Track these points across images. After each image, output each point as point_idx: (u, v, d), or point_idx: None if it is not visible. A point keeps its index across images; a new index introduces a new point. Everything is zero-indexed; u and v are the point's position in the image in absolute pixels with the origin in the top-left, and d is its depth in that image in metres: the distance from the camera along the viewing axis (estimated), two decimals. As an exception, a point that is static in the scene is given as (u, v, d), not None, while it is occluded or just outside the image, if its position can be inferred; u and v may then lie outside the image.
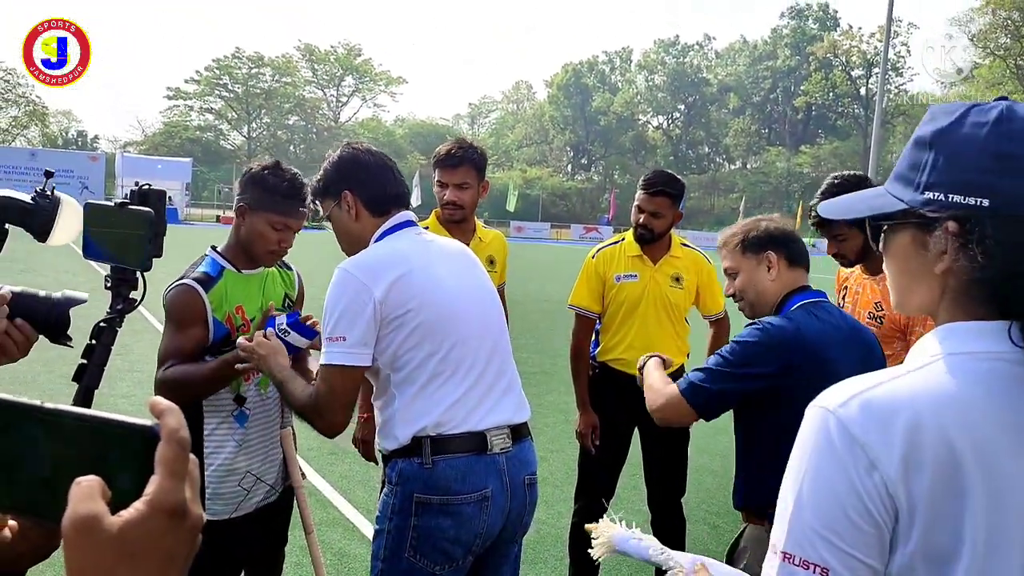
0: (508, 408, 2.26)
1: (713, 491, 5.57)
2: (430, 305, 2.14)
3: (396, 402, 2.15)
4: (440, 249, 2.34)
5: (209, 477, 2.60)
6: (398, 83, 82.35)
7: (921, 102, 70.50)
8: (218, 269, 2.62)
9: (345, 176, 2.29)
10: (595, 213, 69.65)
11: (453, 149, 3.38)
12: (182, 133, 71.40)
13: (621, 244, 3.80)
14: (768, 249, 2.36)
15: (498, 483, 2.18)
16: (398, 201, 2.33)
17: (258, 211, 2.58)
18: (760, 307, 2.40)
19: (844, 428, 0.96)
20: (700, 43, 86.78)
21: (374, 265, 2.14)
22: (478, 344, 2.22)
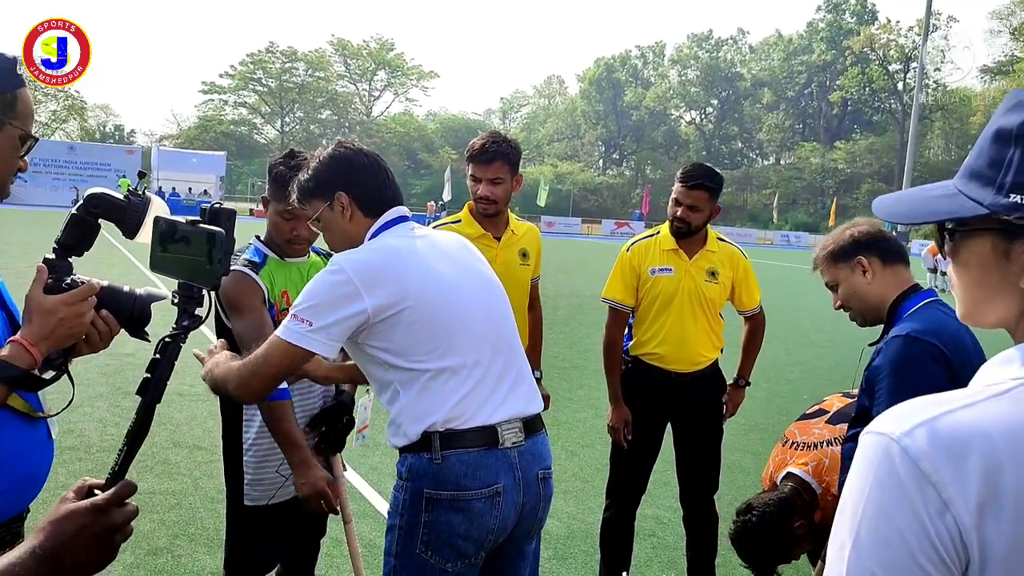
0: (518, 401, 2.22)
1: (745, 489, 5.51)
2: (429, 300, 2.09)
3: (402, 398, 2.11)
4: (437, 243, 2.29)
5: (247, 463, 2.66)
6: (430, 77, 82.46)
7: (960, 97, 69.30)
8: (262, 256, 2.71)
9: (339, 177, 2.21)
10: (626, 208, 69.32)
11: (486, 143, 3.35)
12: (216, 127, 72.04)
13: (656, 237, 3.77)
14: (858, 254, 2.40)
15: (510, 478, 2.15)
16: (392, 203, 2.27)
17: (271, 201, 2.68)
18: (868, 313, 2.42)
19: (911, 462, 0.83)
20: (734, 37, 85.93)
21: (371, 267, 2.07)
22: (483, 337, 2.18)
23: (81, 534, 1.14)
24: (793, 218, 64.84)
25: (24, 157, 1.67)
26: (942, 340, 2.18)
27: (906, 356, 2.17)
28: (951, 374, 2.14)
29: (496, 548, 2.20)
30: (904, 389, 2.13)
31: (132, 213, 1.66)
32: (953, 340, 2.19)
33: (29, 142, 1.66)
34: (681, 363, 3.67)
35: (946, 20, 70.86)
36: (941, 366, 2.15)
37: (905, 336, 2.20)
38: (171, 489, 4.92)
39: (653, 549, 4.53)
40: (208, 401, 6.78)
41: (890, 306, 2.35)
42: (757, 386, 4.04)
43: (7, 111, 1.59)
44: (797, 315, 14.69)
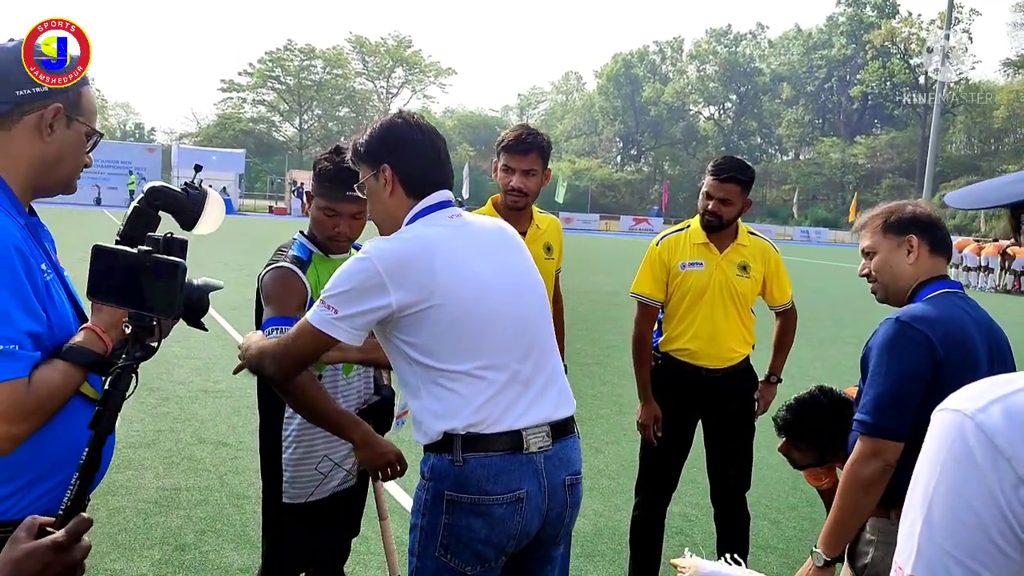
0: (547, 405, 2.15)
1: (774, 486, 5.47)
2: (458, 301, 2.03)
3: (424, 396, 2.07)
4: (476, 234, 2.19)
5: (287, 461, 2.63)
6: (448, 74, 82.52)
7: (983, 90, 68.52)
8: (308, 253, 2.68)
9: (388, 148, 2.15)
10: (644, 204, 69.06)
11: (522, 134, 3.31)
12: (235, 125, 72.38)
13: (686, 231, 3.73)
14: (911, 232, 2.34)
15: (535, 484, 2.08)
16: (438, 187, 2.20)
17: (315, 198, 2.65)
18: (893, 291, 2.38)
19: (986, 437, 0.82)
20: (753, 32, 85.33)
21: (399, 260, 2.02)
22: (514, 337, 2.11)
23: (43, 573, 1.15)
24: (813, 214, 64.37)
25: (89, 153, 1.72)
26: (934, 329, 2.15)
27: (892, 339, 2.17)
28: (935, 363, 2.13)
29: (521, 552, 2.15)
30: (883, 372, 2.16)
31: (191, 205, 1.73)
32: (950, 332, 2.17)
33: (95, 138, 1.71)
34: (712, 359, 3.63)
35: (968, 13, 70.11)
36: (924, 354, 2.14)
37: (896, 320, 2.20)
38: (197, 485, 4.93)
39: (681, 547, 4.47)
40: (232, 397, 6.80)
41: (912, 290, 2.33)
42: (781, 383, 4.00)
43: (74, 108, 1.66)
44: (818, 311, 14.57)
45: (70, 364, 1.55)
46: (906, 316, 2.19)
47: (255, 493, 4.38)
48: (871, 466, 2.14)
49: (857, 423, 2.20)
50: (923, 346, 2.14)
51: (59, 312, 1.61)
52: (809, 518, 4.99)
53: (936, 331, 2.15)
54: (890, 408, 2.13)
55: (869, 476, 2.14)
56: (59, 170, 1.68)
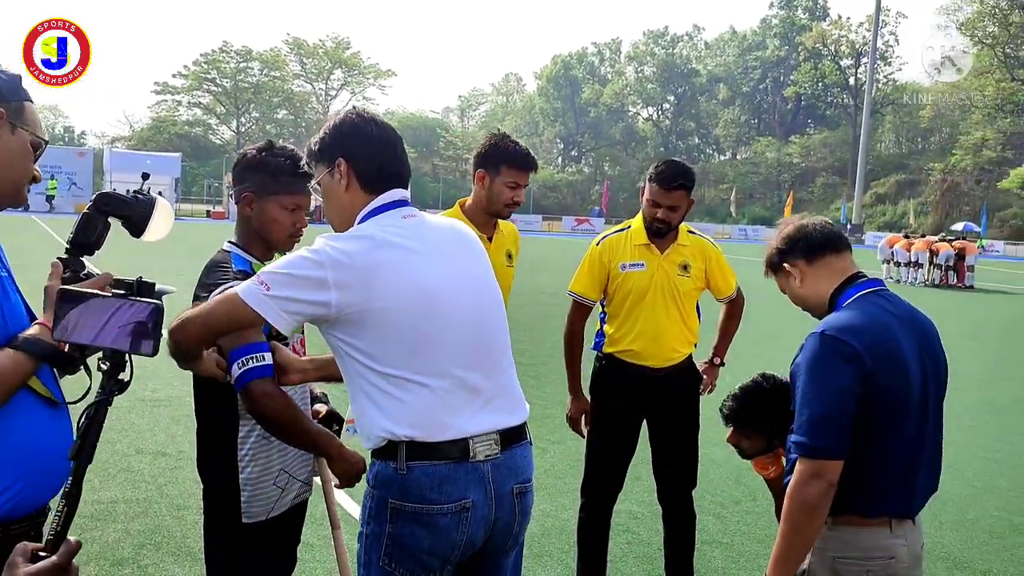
0: (497, 413, 2.09)
1: (718, 482, 5.55)
2: (405, 302, 1.97)
3: (369, 401, 2.02)
4: (430, 236, 2.12)
5: (245, 480, 2.51)
6: (387, 76, 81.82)
7: (910, 91, 70.59)
8: (248, 264, 2.52)
9: (343, 143, 2.12)
10: (586, 205, 69.54)
11: (528, 152, 3.39)
12: (170, 128, 70.81)
13: (627, 232, 3.75)
14: (784, 262, 2.40)
15: (481, 493, 2.03)
16: (394, 180, 2.15)
17: (266, 196, 2.48)
18: (813, 311, 2.42)
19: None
20: (689, 34, 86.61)
21: (345, 259, 1.96)
22: (462, 344, 2.05)
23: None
24: (750, 212, 65.57)
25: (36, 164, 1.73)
26: (860, 339, 2.12)
27: (818, 355, 2.14)
28: (865, 375, 2.10)
29: (470, 560, 2.11)
30: (815, 390, 2.13)
31: (140, 212, 1.73)
32: (876, 339, 2.14)
33: (42, 147, 1.73)
34: (655, 358, 3.66)
35: (895, 16, 72.19)
36: (853, 365, 2.10)
37: (820, 334, 2.16)
38: (135, 497, 4.80)
39: (628, 545, 4.52)
40: (172, 406, 6.65)
41: (830, 298, 2.32)
42: (723, 380, 4.05)
43: (17, 116, 1.66)
44: (757, 308, 14.84)
45: (21, 352, 1.59)
46: (831, 329, 2.16)
47: (196, 504, 4.28)
48: (814, 487, 2.09)
49: (795, 445, 2.15)
50: (852, 360, 2.11)
51: (13, 306, 1.66)
52: (753, 512, 5.07)
53: (863, 341, 2.12)
54: (827, 427, 2.10)
55: (813, 498, 2.10)
56: (4, 177, 1.68)
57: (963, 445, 6.83)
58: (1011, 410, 8.55)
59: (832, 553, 2.20)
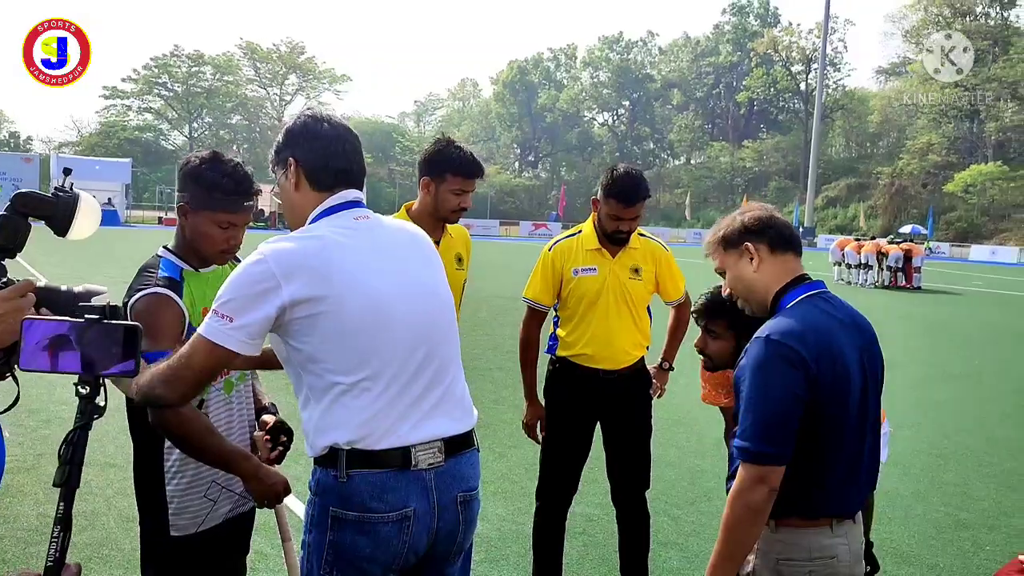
0: (441, 420, 2.06)
1: (672, 482, 5.60)
2: (351, 305, 1.94)
3: (313, 406, 1.99)
4: (382, 238, 2.10)
5: (172, 492, 2.46)
6: (342, 81, 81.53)
7: (858, 97, 72.05)
8: (178, 271, 2.47)
9: (293, 142, 2.11)
10: (543, 210, 69.80)
11: (474, 158, 3.37)
12: (120, 133, 69.57)
13: (578, 237, 3.77)
14: (746, 240, 2.31)
15: (423, 502, 2.00)
16: (344, 177, 2.11)
17: (200, 210, 2.43)
18: (754, 302, 2.34)
19: None
20: (644, 39, 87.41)
21: (292, 257, 1.93)
22: (408, 350, 2.01)
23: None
24: (705, 216, 66.25)
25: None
26: (805, 344, 2.11)
27: (763, 360, 2.12)
28: (808, 379, 2.10)
29: (412, 569, 2.07)
30: (760, 395, 2.11)
31: (62, 210, 1.66)
32: (820, 344, 2.13)
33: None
34: (608, 361, 3.69)
35: (843, 23, 73.64)
36: (799, 371, 2.09)
37: (765, 339, 2.13)
38: (82, 510, 4.70)
39: (584, 547, 4.54)
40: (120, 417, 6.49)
41: (773, 297, 2.28)
42: (676, 381, 4.10)
43: None
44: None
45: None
46: (776, 334, 2.13)
47: (146, 515, 4.21)
48: (757, 493, 2.09)
49: (739, 451, 2.13)
50: (797, 365, 2.09)
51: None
52: (707, 512, 5.12)
53: (808, 347, 2.11)
54: (771, 433, 2.09)
55: (756, 504, 2.09)
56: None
57: (910, 443, 6.98)
58: (956, 408, 8.76)
59: (776, 555, 2.21)
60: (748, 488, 2.10)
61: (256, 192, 2.50)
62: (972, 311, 19.72)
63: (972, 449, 7.06)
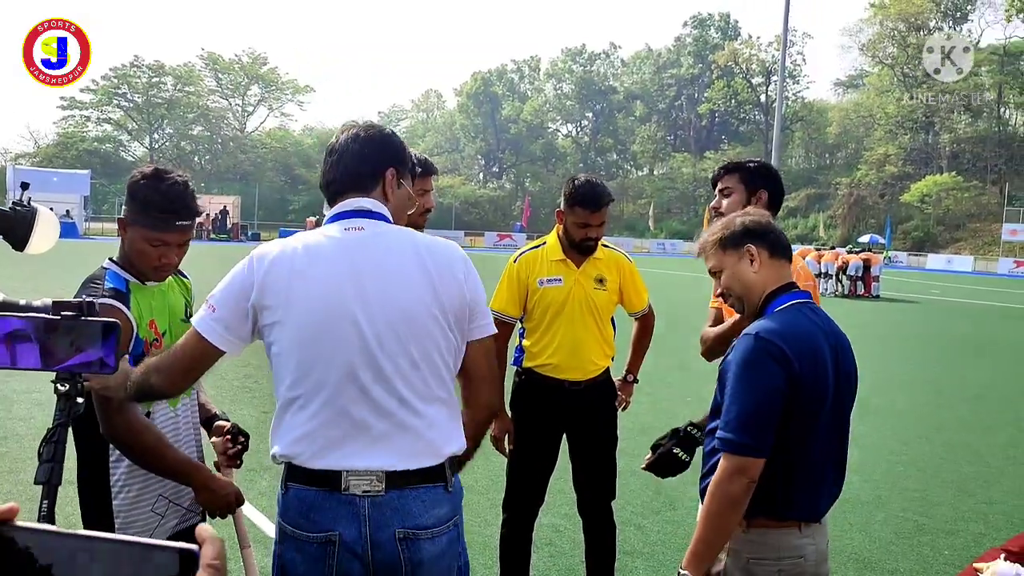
0: (382, 454, 1.92)
1: (637, 492, 5.63)
2: (294, 319, 1.91)
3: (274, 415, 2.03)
4: (365, 253, 1.98)
5: (118, 506, 2.43)
6: (306, 92, 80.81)
7: (817, 108, 73.23)
8: (124, 283, 2.44)
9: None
10: (508, 220, 69.88)
11: (425, 159, 3.38)
12: (79, 144, 68.34)
13: (543, 248, 3.80)
14: (747, 242, 2.38)
15: (352, 529, 1.89)
16: (333, 188, 2.09)
17: (135, 225, 2.41)
18: (749, 301, 2.41)
19: None
20: (606, 52, 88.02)
21: (266, 261, 1.97)
22: (345, 375, 1.91)
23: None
24: (668, 227, 66.86)
25: None
26: (788, 343, 2.19)
27: (750, 355, 2.20)
28: (791, 376, 2.17)
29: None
30: (745, 388, 2.19)
31: (19, 224, 1.65)
32: (803, 344, 2.22)
33: None
34: (574, 371, 3.71)
35: (802, 37, 74.86)
36: (782, 367, 2.17)
37: (754, 335, 2.22)
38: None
39: (551, 558, 4.55)
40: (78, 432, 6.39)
41: (763, 300, 2.36)
42: (642, 391, 4.13)
43: None
44: (675, 321, 15.13)
45: None
46: (764, 332, 2.21)
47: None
48: (737, 483, 2.14)
49: (721, 441, 2.20)
50: (781, 361, 2.17)
51: None
52: (672, 521, 5.16)
53: (792, 346, 2.19)
54: (754, 425, 2.15)
55: (736, 493, 2.14)
56: None
57: (869, 449, 7.09)
58: (914, 415, 8.91)
59: (747, 555, 2.27)
60: (728, 479, 2.16)
61: (196, 213, 2.45)
62: (930, 319, 20.10)
63: (931, 455, 7.19)
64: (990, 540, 4.92)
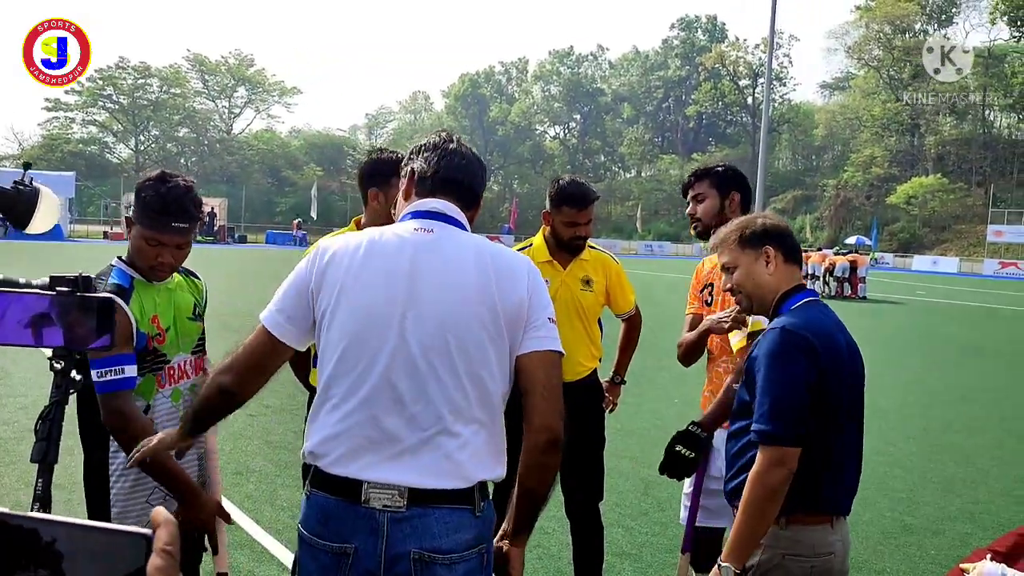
0: (408, 469, 1.83)
1: (625, 494, 5.62)
2: (345, 310, 1.87)
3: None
4: (431, 258, 1.90)
5: (116, 495, 2.51)
6: (293, 93, 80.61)
7: (804, 111, 73.60)
8: (128, 280, 2.54)
9: (414, 152, 2.13)
10: (496, 222, 69.90)
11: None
12: (63, 146, 67.96)
13: (529, 251, 3.78)
14: (766, 243, 2.41)
15: (369, 544, 1.81)
16: (430, 184, 2.02)
17: (137, 225, 2.51)
18: (758, 301, 2.45)
19: None
20: (594, 54, 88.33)
21: (329, 249, 1.94)
22: (390, 383, 1.84)
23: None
24: (656, 228, 67.04)
25: None
26: (814, 336, 2.23)
27: (780, 347, 2.23)
28: (820, 369, 2.22)
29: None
30: (776, 379, 2.22)
31: (23, 203, 1.67)
32: (827, 338, 2.26)
33: None
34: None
35: (788, 39, 75.21)
36: (811, 359, 2.21)
37: (781, 329, 2.25)
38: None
39: (539, 560, 4.54)
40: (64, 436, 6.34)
41: (777, 299, 2.40)
42: (629, 391, 4.13)
43: None
44: (662, 322, 15.17)
45: None
46: (790, 325, 2.25)
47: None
48: (777, 474, 2.17)
49: (758, 433, 2.21)
50: (809, 353, 2.21)
51: None
52: (660, 523, 5.15)
53: (819, 340, 2.24)
54: (788, 415, 2.18)
55: (776, 484, 2.17)
56: None
57: (858, 450, 7.11)
58: (900, 415, 8.95)
59: (782, 550, 2.29)
60: (767, 470, 2.18)
61: (194, 217, 2.53)
62: (916, 320, 20.21)
63: (917, 456, 7.22)
64: (976, 540, 4.94)
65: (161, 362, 2.55)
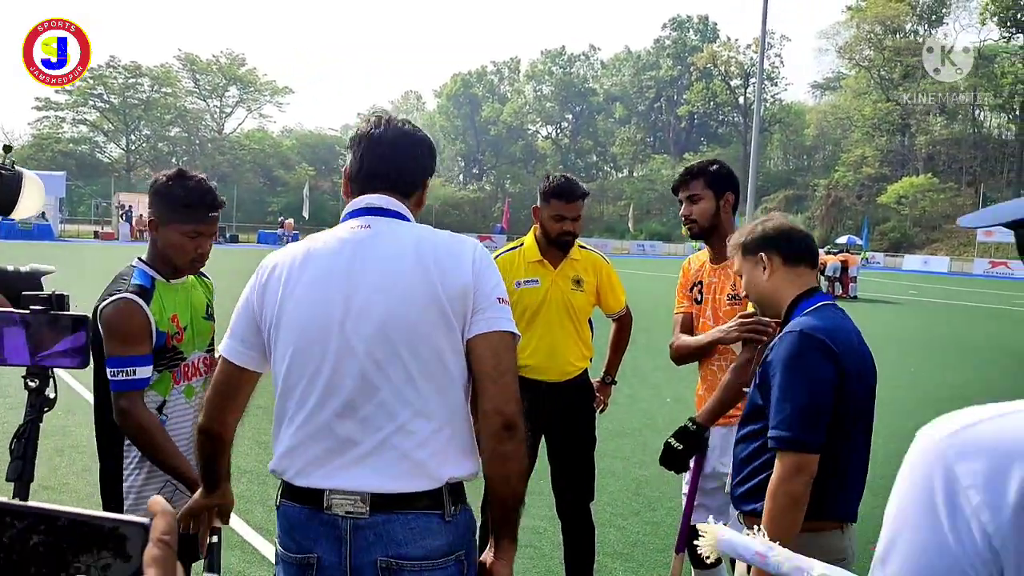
0: (367, 473, 1.77)
1: (616, 493, 5.63)
2: (287, 322, 1.82)
3: None
4: (365, 254, 1.83)
5: (128, 487, 2.59)
6: (284, 93, 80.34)
7: (795, 110, 73.78)
8: (150, 280, 2.62)
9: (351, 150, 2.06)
10: (488, 222, 69.84)
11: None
12: (53, 146, 67.57)
13: (520, 250, 3.79)
14: (761, 250, 2.42)
15: (333, 553, 1.77)
16: (360, 182, 1.95)
17: (169, 224, 2.60)
18: (764, 307, 2.47)
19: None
20: (586, 54, 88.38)
21: (270, 263, 1.92)
22: (334, 385, 1.78)
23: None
24: (648, 228, 67.05)
25: None
26: (833, 338, 2.21)
27: (798, 351, 2.20)
28: (840, 370, 2.20)
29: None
30: (795, 384, 2.19)
31: (6, 188, 1.68)
32: (846, 341, 2.25)
33: None
34: (552, 373, 3.71)
35: (780, 39, 75.39)
36: (830, 362, 2.19)
37: (798, 332, 2.23)
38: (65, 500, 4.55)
39: (530, 560, 4.54)
40: (55, 437, 6.33)
41: (789, 305, 2.39)
42: (621, 391, 4.14)
43: None
44: (655, 321, 15.19)
45: None
46: (808, 328, 2.22)
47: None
48: (799, 481, 2.14)
49: (776, 440, 2.18)
50: (829, 355, 2.19)
51: None
52: (651, 522, 5.16)
53: (838, 343, 2.21)
54: (808, 421, 2.16)
55: (798, 491, 2.14)
56: None
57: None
58: (892, 413, 8.98)
59: None
60: (789, 478, 2.16)
61: (220, 204, 2.65)
62: (907, 319, 20.28)
63: (907, 454, 7.24)
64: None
65: (178, 359, 2.63)
